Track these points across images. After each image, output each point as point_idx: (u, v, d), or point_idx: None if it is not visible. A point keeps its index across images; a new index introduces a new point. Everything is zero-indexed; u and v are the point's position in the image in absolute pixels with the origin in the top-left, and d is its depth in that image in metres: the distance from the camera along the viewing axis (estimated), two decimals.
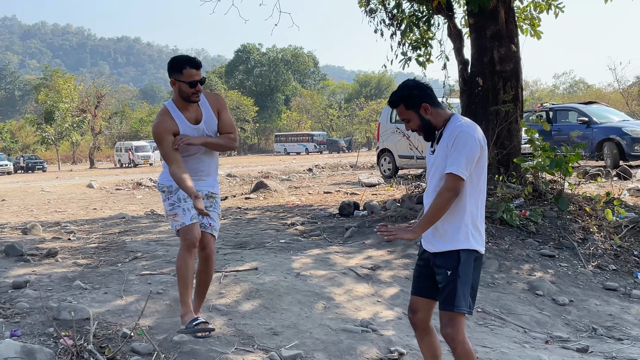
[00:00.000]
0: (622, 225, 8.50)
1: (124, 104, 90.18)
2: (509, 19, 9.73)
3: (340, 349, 4.83)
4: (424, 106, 3.68)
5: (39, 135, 60.76)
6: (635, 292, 6.88)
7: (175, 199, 4.61)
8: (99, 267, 6.50)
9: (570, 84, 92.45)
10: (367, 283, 6.28)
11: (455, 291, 3.60)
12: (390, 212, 9.10)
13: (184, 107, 4.59)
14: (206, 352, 4.55)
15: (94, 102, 60.91)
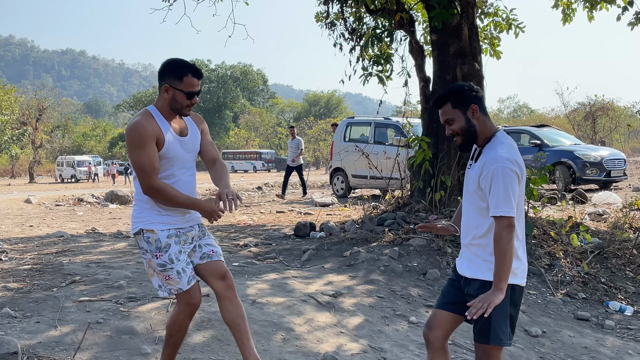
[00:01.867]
0: (588, 251, 8.36)
1: (67, 117, 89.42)
2: (472, 37, 9.61)
3: None
4: (472, 107, 3.48)
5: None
6: (608, 322, 6.68)
7: (166, 259, 3.79)
8: (31, 292, 5.99)
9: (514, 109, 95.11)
10: (329, 312, 5.91)
11: (489, 323, 3.41)
12: (350, 234, 8.79)
13: (168, 117, 3.83)
14: None
15: (35, 115, 59.99)
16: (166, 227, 3.81)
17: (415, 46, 10.12)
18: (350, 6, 10.50)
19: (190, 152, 3.93)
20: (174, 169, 3.82)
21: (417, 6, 11.44)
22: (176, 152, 3.80)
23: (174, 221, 3.85)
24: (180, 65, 3.75)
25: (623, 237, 8.85)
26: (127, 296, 5.85)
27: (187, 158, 3.90)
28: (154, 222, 3.81)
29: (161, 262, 3.78)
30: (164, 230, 3.80)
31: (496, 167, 3.34)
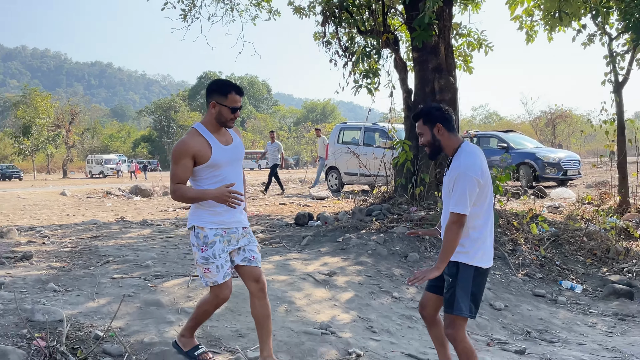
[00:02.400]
0: (545, 238, 8.50)
1: (96, 121, 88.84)
2: (448, 54, 9.73)
3: (302, 351, 4.57)
4: (438, 126, 3.76)
5: (17, 147, 59.57)
6: (561, 298, 6.85)
7: (210, 253, 3.88)
8: (72, 271, 6.07)
9: (485, 115, 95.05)
10: (325, 288, 6.02)
11: (454, 297, 3.69)
12: (342, 222, 8.89)
13: (214, 130, 3.92)
14: (175, 354, 4.22)
15: (68, 119, 59.85)
16: (215, 226, 3.89)
17: (399, 62, 10.22)
18: (344, 27, 10.59)
19: (235, 158, 4.01)
20: (222, 172, 3.90)
21: (401, 28, 11.55)
22: (222, 159, 3.89)
23: (221, 222, 3.91)
24: (225, 84, 3.88)
25: (575, 227, 9.00)
26: (153, 274, 5.94)
27: (233, 163, 3.99)
28: (205, 221, 3.89)
29: (205, 256, 3.87)
30: (212, 229, 3.88)
31: (459, 173, 3.63)
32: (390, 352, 4.79)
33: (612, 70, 10.79)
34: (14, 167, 57.67)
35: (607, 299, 6.92)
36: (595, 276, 7.65)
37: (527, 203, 11.62)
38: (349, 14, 10.38)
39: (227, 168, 3.94)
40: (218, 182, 3.88)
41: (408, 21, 9.67)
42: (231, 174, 3.96)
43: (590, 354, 5.25)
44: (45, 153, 60.99)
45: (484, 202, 3.72)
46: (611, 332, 5.94)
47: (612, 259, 8.16)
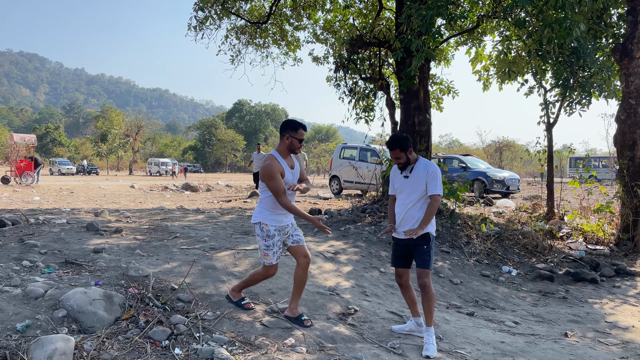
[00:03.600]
0: (491, 235, 8.75)
1: (155, 133, 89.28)
2: (425, 97, 9.98)
3: (316, 305, 4.84)
4: (409, 150, 4.22)
5: (95, 150, 60.01)
6: (501, 278, 7.08)
7: (271, 243, 4.19)
8: (151, 242, 6.33)
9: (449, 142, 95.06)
10: (331, 262, 6.29)
11: (429, 257, 4.15)
12: (344, 216, 9.14)
13: (284, 156, 4.22)
14: (227, 303, 4.52)
15: (135, 130, 60.19)
16: (275, 224, 4.20)
17: (390, 101, 10.51)
18: (350, 75, 10.90)
19: (296, 178, 4.32)
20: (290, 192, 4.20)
21: (392, 76, 11.87)
22: (289, 179, 4.21)
23: (280, 220, 4.22)
24: (296, 123, 4.24)
25: (513, 228, 9.26)
26: (209, 247, 6.20)
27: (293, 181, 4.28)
28: (268, 219, 4.19)
29: (267, 244, 4.20)
30: (273, 226, 4.18)
31: (435, 170, 4.19)
32: (378, 309, 5.08)
33: (545, 114, 11.09)
34: (93, 165, 58.01)
35: (534, 281, 7.18)
36: (526, 264, 7.90)
37: (479, 209, 11.88)
38: (355, 64, 10.70)
39: (289, 183, 4.22)
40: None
41: (397, 72, 9.96)
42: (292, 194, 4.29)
43: (520, 317, 5.53)
44: (116, 155, 61.32)
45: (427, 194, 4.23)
46: (536, 303, 6.21)
47: (540, 253, 8.41)
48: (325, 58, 12.85)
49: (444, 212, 9.06)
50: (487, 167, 20.02)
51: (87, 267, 5.02)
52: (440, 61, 12.15)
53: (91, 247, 5.68)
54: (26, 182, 20.10)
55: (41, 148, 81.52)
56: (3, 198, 14.16)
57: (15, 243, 5.61)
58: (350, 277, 5.93)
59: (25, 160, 20.54)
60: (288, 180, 4.21)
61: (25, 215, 7.43)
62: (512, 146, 49.32)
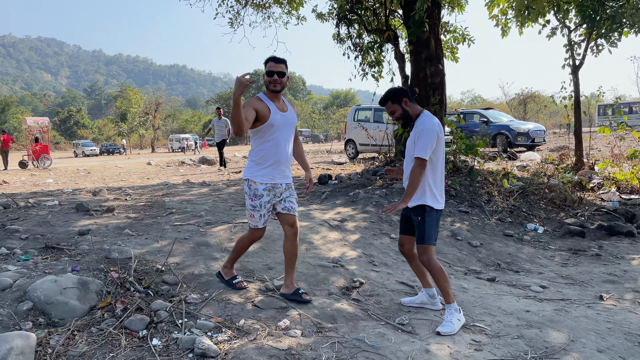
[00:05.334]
0: (514, 190, 8.12)
1: (175, 109, 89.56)
2: (437, 46, 9.23)
3: (317, 280, 4.38)
4: (404, 100, 3.63)
5: (117, 130, 60.39)
6: (526, 237, 6.51)
7: (257, 203, 3.71)
8: (143, 220, 5.93)
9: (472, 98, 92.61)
10: (337, 231, 5.80)
11: (424, 231, 3.57)
12: (353, 181, 8.62)
13: (272, 98, 3.68)
14: (217, 282, 4.09)
15: (154, 108, 60.25)
16: (265, 181, 3.68)
17: (399, 54, 9.78)
18: (354, 28, 10.14)
19: (288, 123, 3.74)
20: (276, 134, 3.66)
21: (401, 27, 11.05)
22: (277, 121, 3.64)
23: (271, 177, 3.70)
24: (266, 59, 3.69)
25: (539, 181, 8.60)
26: (205, 222, 5.79)
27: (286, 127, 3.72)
28: (257, 175, 3.69)
29: (253, 205, 3.72)
30: (262, 184, 3.68)
31: (423, 127, 3.49)
32: (387, 280, 4.59)
33: (570, 56, 10.16)
34: (115, 145, 58.55)
35: (563, 238, 6.58)
36: (554, 220, 7.29)
37: (501, 164, 11.18)
38: (358, 16, 9.92)
39: (282, 130, 3.68)
40: (273, 141, 3.66)
41: (405, 20, 9.19)
42: (283, 135, 3.71)
43: (548, 280, 4.96)
44: (137, 134, 61.69)
45: (440, 157, 3.60)
46: (566, 263, 5.63)
47: (569, 206, 7.77)
48: (330, 14, 12.03)
49: (462, 169, 8.41)
50: (510, 120, 19.08)
51: (68, 252, 4.63)
52: (453, 7, 11.22)
53: (76, 230, 5.30)
54: (43, 165, 20.08)
55: (65, 131, 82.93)
56: (18, 182, 14.05)
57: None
58: (358, 246, 5.42)
59: (40, 144, 20.47)
60: (276, 123, 3.63)
61: (15, 200, 7.10)
62: (537, 97, 47.41)
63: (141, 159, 28.98)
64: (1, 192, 9.02)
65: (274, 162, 3.69)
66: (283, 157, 3.72)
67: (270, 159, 3.67)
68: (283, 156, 3.72)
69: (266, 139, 3.65)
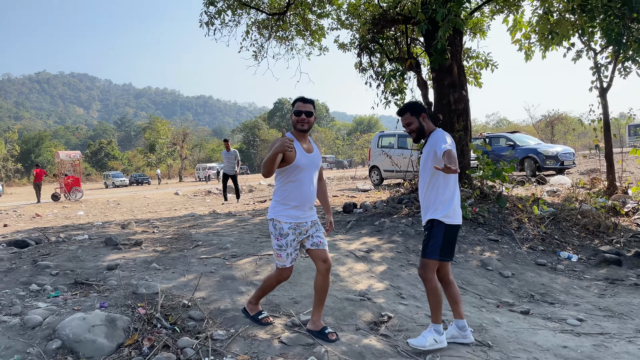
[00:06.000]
0: (545, 217, 7.90)
1: (202, 139, 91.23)
2: (460, 73, 9.19)
3: (344, 314, 4.29)
4: (422, 115, 3.65)
5: (146, 160, 61.66)
6: (559, 266, 6.28)
7: (283, 242, 3.65)
8: (170, 253, 5.96)
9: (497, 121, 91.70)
10: (363, 262, 5.71)
11: (427, 244, 3.58)
12: (379, 209, 8.52)
13: (298, 138, 3.69)
14: (243, 318, 4.04)
15: (181, 138, 61.42)
16: (290, 220, 3.64)
17: (421, 81, 9.76)
18: (376, 57, 10.20)
19: (313, 164, 3.73)
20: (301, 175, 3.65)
21: (423, 54, 11.08)
22: (303, 162, 3.63)
23: (296, 216, 3.66)
24: (295, 99, 3.74)
25: (571, 207, 8.35)
26: (230, 254, 5.78)
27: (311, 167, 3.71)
28: (282, 215, 3.65)
29: (279, 244, 3.67)
30: (287, 223, 3.64)
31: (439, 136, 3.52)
32: (415, 314, 4.46)
33: (597, 78, 9.98)
34: (144, 175, 59.75)
35: (598, 266, 6.32)
36: (588, 247, 7.03)
37: (530, 189, 10.93)
38: (380, 45, 9.99)
39: (307, 171, 3.67)
40: (297, 181, 3.64)
41: (427, 48, 9.21)
42: (308, 176, 3.69)
43: (585, 312, 4.75)
44: (165, 164, 62.86)
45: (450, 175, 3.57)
46: (603, 294, 5.39)
47: (603, 233, 7.50)
48: (352, 44, 12.18)
49: (490, 195, 8.25)
50: (538, 143, 18.74)
51: (96, 287, 4.67)
52: (475, 33, 11.22)
53: (105, 264, 5.36)
54: (75, 198, 20.58)
55: (96, 162, 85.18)
56: (50, 215, 14.40)
57: (28, 265, 5.35)
58: (385, 278, 5.31)
59: (72, 177, 21.03)
60: (301, 164, 3.61)
61: (46, 234, 7.25)
62: (564, 119, 46.62)
63: (169, 189, 29.44)
64: (33, 227, 9.26)
65: (298, 203, 3.65)
66: (307, 198, 3.69)
67: (294, 200, 3.65)
68: (307, 197, 3.68)
69: (291, 179, 3.64)
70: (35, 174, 20.99)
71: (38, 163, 23.07)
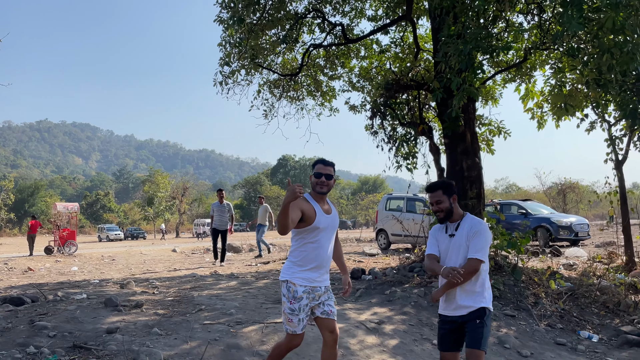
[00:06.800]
0: (563, 292, 7.82)
1: (202, 193, 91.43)
2: (473, 140, 9.39)
3: None
4: (454, 197, 3.70)
5: (143, 214, 61.75)
6: (580, 347, 6.14)
7: (296, 307, 3.59)
8: (172, 317, 5.88)
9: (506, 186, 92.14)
10: (375, 335, 5.62)
11: (482, 335, 3.47)
12: (389, 277, 8.44)
13: (317, 199, 3.74)
14: None
15: (181, 192, 61.77)
16: (305, 284, 3.62)
17: (433, 147, 9.97)
18: (388, 121, 10.49)
19: (331, 225, 3.79)
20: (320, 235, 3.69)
21: (435, 120, 11.38)
22: (322, 223, 3.69)
23: (311, 279, 3.65)
24: (315, 161, 3.86)
25: (589, 282, 8.26)
26: (235, 320, 5.70)
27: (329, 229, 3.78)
28: (297, 277, 3.63)
29: (292, 308, 3.61)
30: (302, 286, 3.61)
31: (481, 228, 3.57)
32: None
33: (612, 150, 10.20)
34: (140, 229, 59.63)
35: (621, 348, 6.19)
36: (609, 327, 6.91)
37: (546, 261, 10.86)
38: (392, 110, 10.31)
39: (325, 233, 3.71)
40: (317, 243, 3.67)
41: (440, 115, 9.47)
42: (326, 238, 3.73)
43: None
44: (163, 218, 62.80)
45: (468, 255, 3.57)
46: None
47: (623, 311, 7.40)
48: (362, 106, 12.54)
49: (504, 267, 8.22)
50: (551, 212, 18.79)
51: (95, 352, 4.60)
52: (487, 101, 11.57)
53: (105, 327, 5.30)
54: (69, 252, 20.50)
55: (91, 215, 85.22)
56: (42, 270, 14.31)
57: (25, 325, 5.31)
58: (397, 353, 5.22)
59: (67, 230, 21.05)
60: (321, 225, 3.65)
61: (43, 292, 7.21)
62: (577, 187, 46.86)
63: (165, 245, 29.25)
64: (28, 283, 9.20)
65: (316, 265, 3.66)
66: (325, 260, 3.71)
67: (312, 262, 3.65)
68: (325, 259, 3.71)
69: (309, 240, 3.66)
70: (30, 226, 21.02)
71: (34, 214, 23.12)
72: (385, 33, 11.86)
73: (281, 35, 11.30)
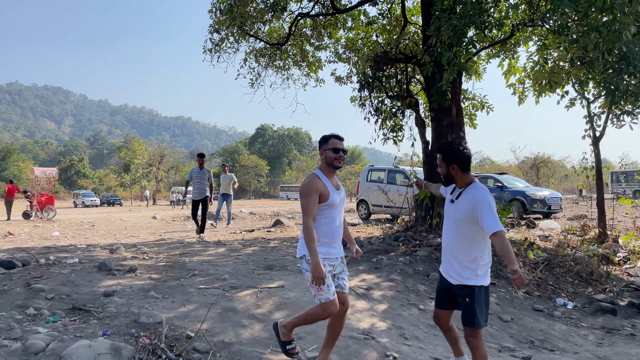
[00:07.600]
0: (539, 262, 8.15)
1: (178, 161, 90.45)
2: (458, 114, 9.55)
3: (349, 352, 4.38)
4: (453, 166, 3.60)
5: (119, 181, 61.00)
6: (556, 313, 6.48)
7: None
8: (167, 281, 5.97)
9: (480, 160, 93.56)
10: (364, 300, 5.82)
11: (474, 313, 3.50)
12: (375, 246, 8.66)
13: (328, 175, 3.75)
14: (249, 352, 4.11)
15: (158, 159, 60.95)
16: (322, 256, 3.61)
17: (419, 120, 10.10)
18: (375, 93, 10.55)
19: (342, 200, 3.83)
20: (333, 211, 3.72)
21: (420, 93, 11.48)
22: (334, 201, 3.71)
23: (326, 251, 3.69)
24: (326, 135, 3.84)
25: (564, 253, 8.64)
26: (229, 285, 5.81)
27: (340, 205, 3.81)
28: None
29: None
30: (320, 257, 3.55)
31: (484, 201, 3.43)
32: (420, 355, 4.58)
33: (590, 127, 10.48)
34: (116, 196, 58.92)
35: (594, 315, 6.55)
36: (582, 295, 7.28)
37: (522, 232, 11.24)
38: (380, 82, 10.35)
39: (337, 208, 3.76)
40: (329, 218, 3.71)
41: (427, 88, 9.57)
42: (337, 213, 3.78)
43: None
44: (140, 185, 62.14)
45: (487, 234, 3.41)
46: (601, 343, 5.59)
47: (596, 281, 7.78)
48: (348, 77, 12.57)
49: None
50: (526, 186, 19.28)
51: (95, 314, 4.67)
52: (470, 75, 11.70)
53: (102, 290, 5.36)
54: (48, 217, 20.24)
55: (65, 180, 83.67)
56: (22, 234, 14.16)
57: (21, 287, 5.33)
58: (387, 317, 5.43)
59: (46, 195, 20.72)
60: (334, 203, 3.70)
61: (35, 256, 7.20)
62: (549, 162, 47.98)
63: (144, 212, 29.08)
64: (15, 247, 9.12)
65: (329, 239, 3.73)
66: (337, 234, 3.80)
67: (325, 237, 3.71)
68: (337, 233, 3.79)
69: (323, 216, 3.71)
70: (8, 190, 20.61)
71: (12, 179, 22.64)
72: (373, 4, 11.80)
73: (269, 3, 11.14)
